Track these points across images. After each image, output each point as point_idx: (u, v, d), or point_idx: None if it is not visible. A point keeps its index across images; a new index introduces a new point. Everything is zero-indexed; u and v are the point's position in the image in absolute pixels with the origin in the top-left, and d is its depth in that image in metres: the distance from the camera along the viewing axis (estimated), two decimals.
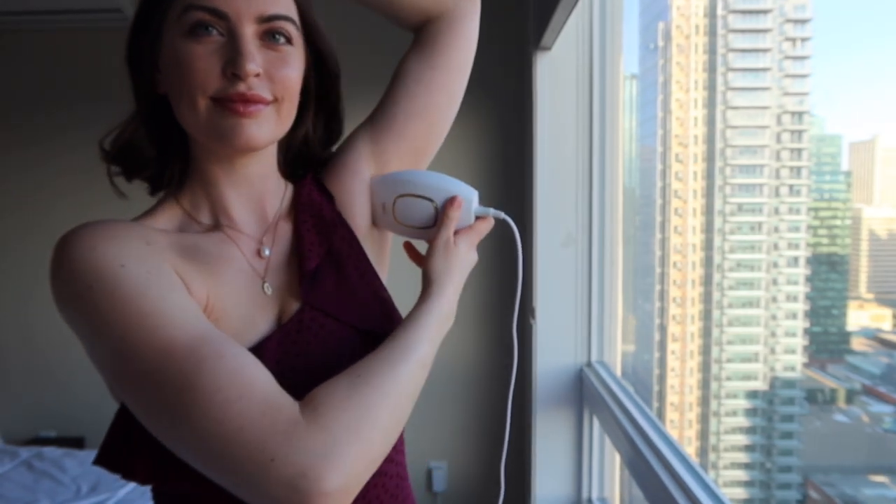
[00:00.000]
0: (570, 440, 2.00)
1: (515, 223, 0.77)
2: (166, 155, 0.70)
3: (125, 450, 0.61)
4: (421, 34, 0.80)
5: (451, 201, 0.73)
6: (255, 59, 0.62)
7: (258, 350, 0.62)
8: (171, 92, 0.65)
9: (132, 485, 2.07)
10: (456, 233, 0.73)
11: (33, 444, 2.55)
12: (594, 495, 1.97)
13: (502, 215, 0.76)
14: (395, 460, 0.71)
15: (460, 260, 0.71)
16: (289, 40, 0.65)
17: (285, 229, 0.71)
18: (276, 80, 0.64)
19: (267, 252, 0.69)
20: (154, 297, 0.57)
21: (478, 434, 2.55)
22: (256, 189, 0.70)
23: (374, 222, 0.78)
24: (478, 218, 0.75)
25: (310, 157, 0.76)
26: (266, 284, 0.68)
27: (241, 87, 0.61)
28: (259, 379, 0.55)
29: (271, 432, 0.52)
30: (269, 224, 0.70)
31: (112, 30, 2.65)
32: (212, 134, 0.63)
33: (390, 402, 0.57)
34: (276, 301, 0.68)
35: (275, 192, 0.72)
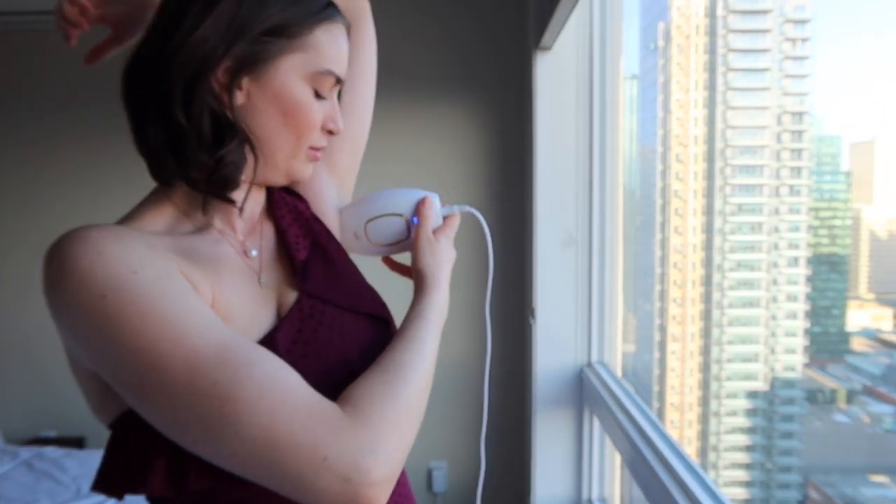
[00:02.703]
0: (570, 440, 2.00)
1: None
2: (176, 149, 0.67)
3: (131, 468, 0.59)
4: None
5: (422, 202, 0.78)
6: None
7: (269, 341, 0.64)
8: (265, 123, 0.66)
9: None
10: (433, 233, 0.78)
11: (34, 443, 2.55)
12: (594, 495, 1.97)
13: (467, 208, 0.81)
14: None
15: (444, 254, 0.76)
16: None
17: (267, 227, 0.74)
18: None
19: (254, 253, 0.71)
20: (171, 305, 0.55)
21: (478, 434, 2.55)
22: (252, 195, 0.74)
23: (349, 251, 0.82)
24: (445, 217, 0.80)
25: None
26: (262, 279, 0.70)
27: (325, 141, 0.71)
28: (295, 381, 0.57)
29: (322, 432, 0.54)
30: (252, 223, 0.73)
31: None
32: (288, 171, 0.70)
33: (416, 393, 0.62)
34: (273, 294, 0.70)
35: (259, 195, 0.75)
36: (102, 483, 0.59)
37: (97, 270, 0.54)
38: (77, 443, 2.59)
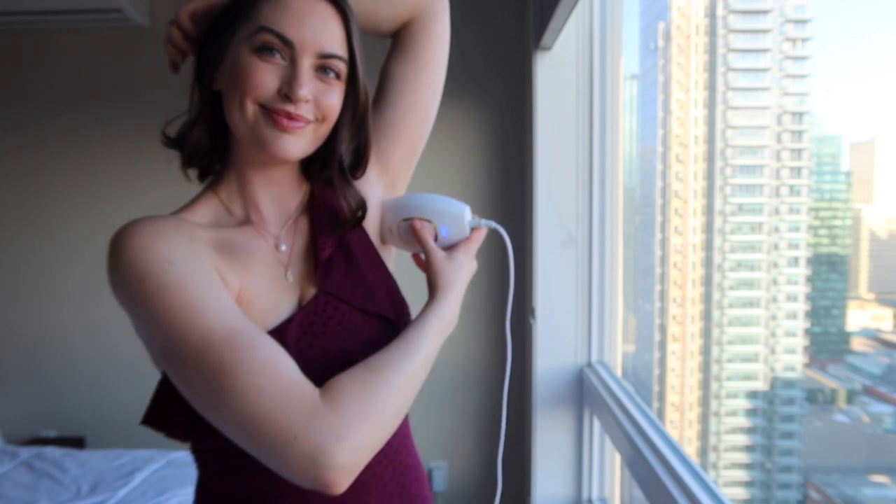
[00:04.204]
0: (570, 440, 2.00)
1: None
2: (218, 148, 0.79)
3: (167, 413, 0.73)
4: (399, 39, 0.90)
5: (418, 225, 0.83)
6: (307, 87, 0.72)
7: (282, 330, 0.73)
8: (225, 91, 0.74)
9: (132, 485, 2.07)
10: (455, 245, 0.83)
11: (33, 443, 2.55)
12: (594, 495, 1.97)
13: (493, 224, 0.85)
14: (399, 433, 0.82)
15: (458, 269, 0.80)
16: (337, 75, 0.75)
17: (303, 223, 0.81)
18: (321, 106, 0.74)
19: (284, 248, 0.79)
20: (196, 292, 0.66)
21: (477, 434, 2.56)
22: (283, 189, 0.81)
23: (384, 241, 0.88)
24: (473, 229, 0.84)
25: (336, 174, 0.83)
26: (288, 273, 0.78)
27: (289, 107, 0.71)
28: (286, 367, 0.65)
29: (295, 415, 0.62)
30: (289, 219, 0.81)
31: (112, 30, 2.65)
32: (254, 138, 0.73)
33: (396, 393, 0.67)
34: (297, 287, 0.78)
35: (296, 191, 0.82)
36: (147, 419, 0.75)
37: (141, 259, 0.66)
38: (77, 443, 2.59)
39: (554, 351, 1.98)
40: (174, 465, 2.22)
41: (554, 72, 1.96)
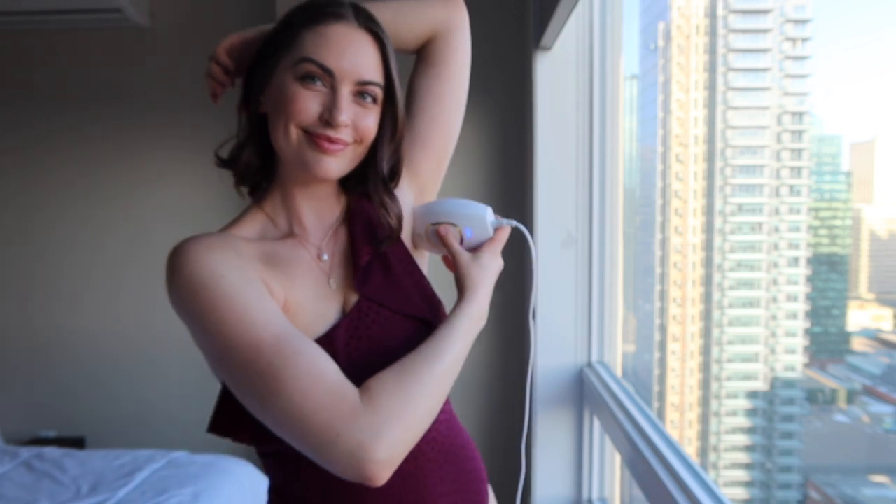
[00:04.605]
0: (570, 440, 2.00)
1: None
2: (265, 167, 0.86)
3: (232, 419, 0.79)
4: (423, 53, 0.96)
5: (445, 231, 0.89)
6: (346, 113, 0.78)
7: (330, 336, 0.79)
8: (271, 115, 0.81)
9: (132, 485, 2.07)
10: (479, 246, 0.88)
11: (33, 443, 2.55)
12: (594, 495, 1.97)
13: (514, 223, 0.90)
14: (443, 417, 0.88)
15: (483, 269, 0.85)
16: (374, 100, 0.81)
17: (342, 233, 0.88)
18: (359, 128, 0.80)
19: (325, 257, 0.85)
20: (245, 303, 0.72)
21: (479, 433, 2.55)
22: (323, 203, 0.87)
23: (416, 246, 0.94)
24: (496, 229, 0.89)
25: (380, 190, 0.90)
26: (331, 280, 0.84)
27: (330, 132, 0.78)
28: (328, 370, 0.71)
29: (337, 415, 0.68)
30: (329, 229, 0.87)
31: (112, 30, 2.65)
32: (297, 160, 0.79)
33: (428, 392, 0.73)
34: (340, 294, 0.84)
35: (335, 204, 0.89)
36: (213, 427, 0.81)
37: (195, 274, 0.73)
38: (77, 443, 2.60)
39: (554, 351, 1.98)
40: (174, 466, 2.22)
41: (554, 72, 1.96)
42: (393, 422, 0.69)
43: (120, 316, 2.67)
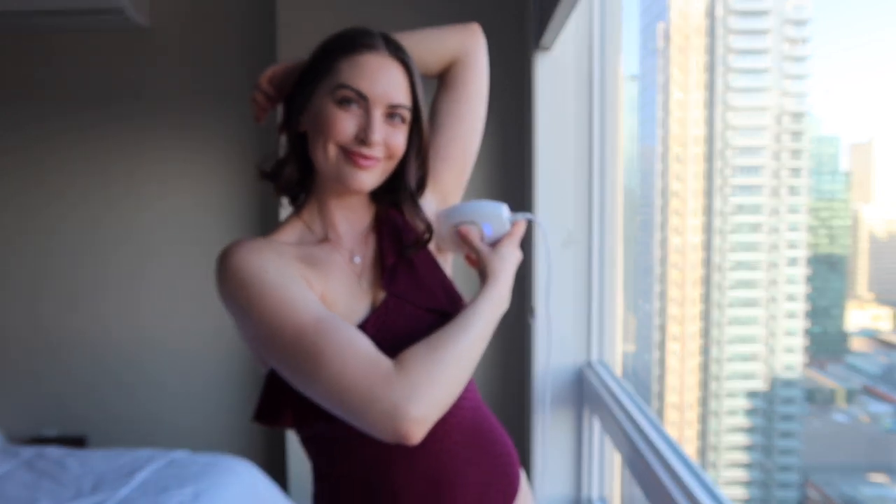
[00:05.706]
0: (570, 440, 2.00)
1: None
2: (304, 180, 0.96)
3: (276, 406, 0.87)
4: (444, 77, 1.09)
5: (461, 232, 0.98)
6: (379, 133, 0.88)
7: (360, 329, 0.85)
8: (310, 134, 0.91)
9: (133, 484, 2.08)
10: (500, 240, 0.96)
11: (35, 442, 2.56)
12: (594, 495, 1.98)
13: (529, 216, 0.99)
14: (466, 397, 0.95)
15: (503, 259, 0.93)
16: (403, 120, 0.91)
17: (372, 239, 0.98)
18: (389, 146, 0.90)
19: (357, 260, 0.95)
20: (287, 293, 0.82)
21: None
22: (356, 212, 0.97)
23: (440, 248, 1.02)
24: (513, 223, 0.97)
25: (408, 201, 1.00)
26: (362, 280, 0.94)
27: (364, 149, 0.88)
28: (364, 345, 0.80)
29: (375, 381, 0.77)
30: (360, 235, 0.97)
31: (113, 31, 2.66)
32: (335, 175, 0.89)
33: (454, 361, 0.81)
34: (370, 292, 0.94)
35: (366, 213, 0.99)
36: (258, 415, 0.89)
37: (242, 271, 0.83)
38: (78, 442, 2.60)
39: (554, 350, 1.98)
40: (175, 465, 2.23)
41: (554, 72, 1.96)
42: (424, 385, 0.77)
43: (121, 316, 2.67)
